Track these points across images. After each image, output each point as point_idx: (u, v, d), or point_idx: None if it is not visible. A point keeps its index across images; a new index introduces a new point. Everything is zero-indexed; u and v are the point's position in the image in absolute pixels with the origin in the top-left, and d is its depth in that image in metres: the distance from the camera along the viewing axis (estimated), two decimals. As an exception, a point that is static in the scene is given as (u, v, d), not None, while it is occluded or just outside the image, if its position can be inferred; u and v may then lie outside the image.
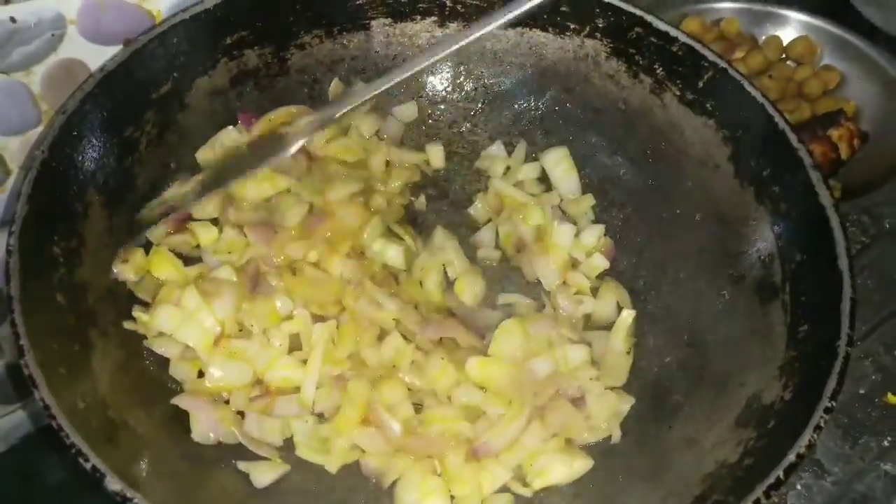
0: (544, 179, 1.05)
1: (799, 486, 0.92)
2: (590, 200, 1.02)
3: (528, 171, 1.05)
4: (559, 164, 1.03)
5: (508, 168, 1.05)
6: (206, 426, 0.77)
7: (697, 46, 0.94)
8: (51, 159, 0.75)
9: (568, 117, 1.05)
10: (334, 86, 1.03)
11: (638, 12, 0.97)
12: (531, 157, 1.06)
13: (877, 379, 1.01)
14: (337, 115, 0.91)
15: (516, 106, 1.08)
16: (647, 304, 0.94)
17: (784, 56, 1.29)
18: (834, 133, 1.11)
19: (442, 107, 1.09)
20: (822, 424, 0.66)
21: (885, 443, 0.96)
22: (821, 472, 0.93)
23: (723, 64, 0.92)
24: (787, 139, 0.86)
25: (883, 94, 1.20)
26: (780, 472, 0.64)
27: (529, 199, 1.00)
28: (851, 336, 0.72)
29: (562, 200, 1.02)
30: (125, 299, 0.81)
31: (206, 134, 0.95)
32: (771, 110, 0.88)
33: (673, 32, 0.95)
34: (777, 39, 1.28)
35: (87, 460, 0.58)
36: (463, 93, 1.08)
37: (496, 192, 1.03)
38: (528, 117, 1.07)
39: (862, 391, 1.00)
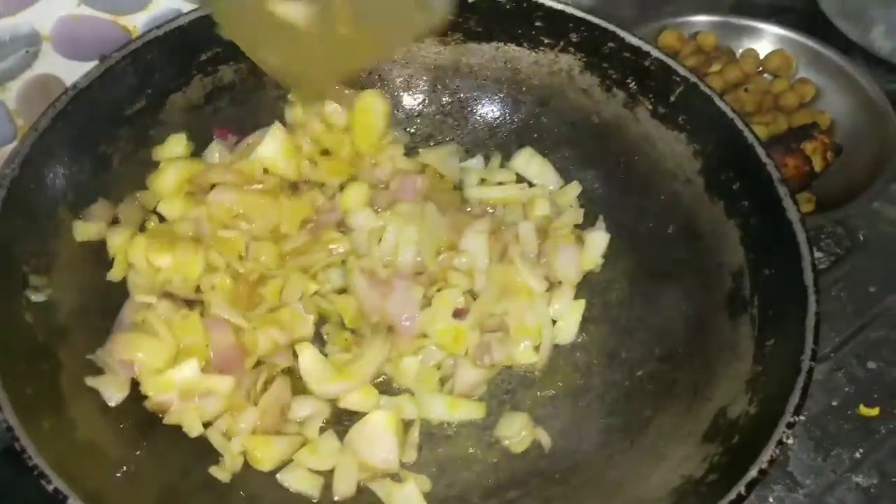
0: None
1: (771, 499, 0.93)
2: (576, 189, 1.03)
3: (506, 175, 1.05)
4: (531, 161, 1.05)
5: (483, 180, 1.06)
6: None
7: (669, 61, 0.95)
8: (21, 178, 0.76)
9: (543, 131, 1.06)
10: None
11: (611, 27, 0.98)
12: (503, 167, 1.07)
13: (849, 391, 1.02)
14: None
15: (492, 119, 1.08)
16: (620, 317, 0.95)
17: (760, 69, 1.30)
18: (807, 146, 1.13)
19: (419, 120, 1.09)
20: (784, 440, 0.67)
21: (857, 455, 0.96)
22: (793, 485, 0.94)
23: (693, 79, 0.93)
24: (756, 154, 0.87)
25: (857, 108, 1.21)
26: (741, 487, 0.64)
27: (529, 192, 1.02)
28: (815, 351, 0.73)
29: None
30: (98, 316, 0.81)
31: (181, 150, 0.95)
32: (740, 125, 0.89)
33: (645, 47, 0.96)
34: (754, 53, 1.29)
35: (49, 482, 0.58)
36: (439, 106, 1.09)
37: (480, 200, 1.03)
38: (504, 131, 1.08)
39: (835, 403, 1.01)
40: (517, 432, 0.85)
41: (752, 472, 0.65)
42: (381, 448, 0.81)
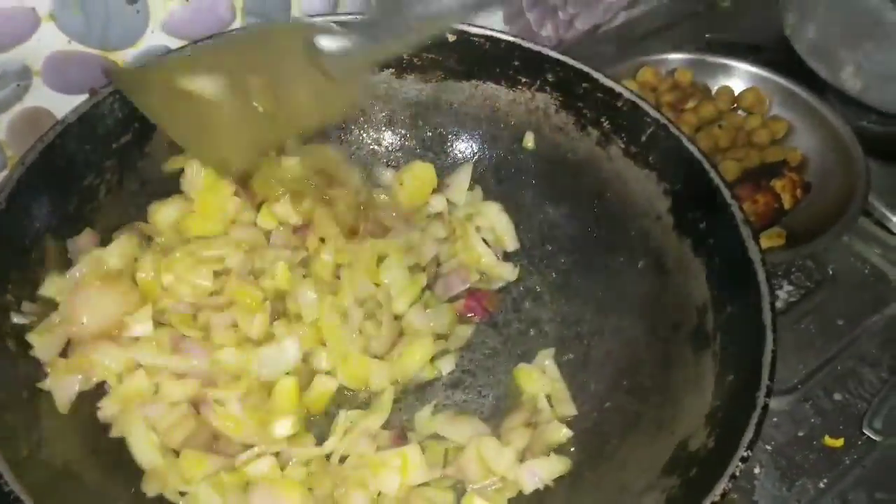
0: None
1: (736, 529, 0.95)
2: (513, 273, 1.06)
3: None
4: (498, 217, 1.07)
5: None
6: None
7: (640, 102, 0.99)
8: (7, 211, 0.78)
9: (520, 166, 1.09)
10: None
11: (585, 68, 1.02)
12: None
13: (816, 422, 1.04)
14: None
15: (471, 154, 1.12)
16: (591, 350, 0.97)
17: (735, 106, 1.34)
18: (777, 183, 1.16)
19: (400, 154, 1.12)
20: (736, 474, 0.69)
21: (822, 485, 0.98)
22: (758, 515, 0.96)
23: (663, 120, 0.97)
24: (721, 195, 0.90)
25: (827, 145, 1.25)
26: (693, 520, 0.67)
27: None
28: (770, 388, 0.75)
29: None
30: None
31: (167, 181, 0.98)
32: (706, 166, 0.92)
33: (617, 89, 1.00)
34: (728, 90, 1.33)
35: (23, 509, 0.60)
36: (420, 141, 1.12)
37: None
38: (482, 165, 1.11)
39: (801, 433, 1.03)
40: None
41: (705, 505, 0.67)
42: None
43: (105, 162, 0.91)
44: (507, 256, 1.07)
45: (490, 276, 1.05)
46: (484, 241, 1.05)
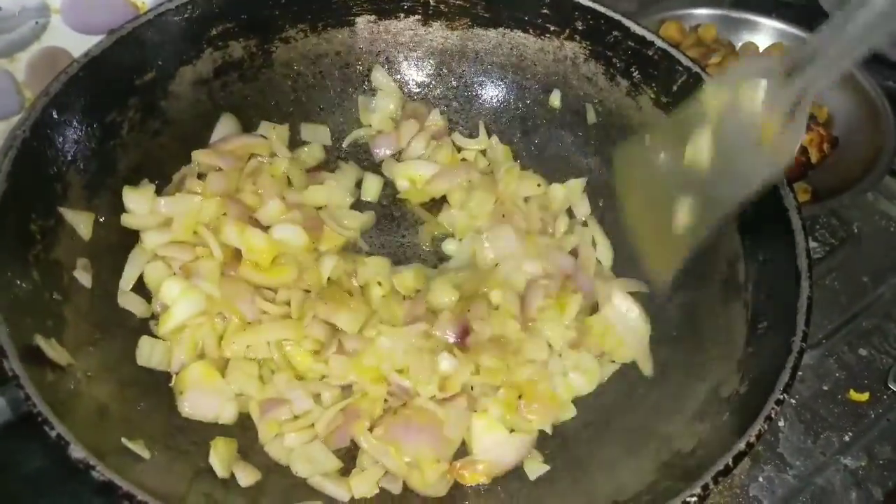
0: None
1: (761, 479, 0.95)
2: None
3: None
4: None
5: None
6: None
7: (673, 51, 0.97)
8: (32, 139, 0.77)
9: (546, 117, 1.08)
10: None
11: (616, 16, 0.99)
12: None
13: (840, 376, 1.04)
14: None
15: (497, 104, 1.10)
16: (617, 300, 0.97)
17: (760, 63, 1.31)
18: (804, 137, 1.14)
19: (423, 103, 1.10)
20: (772, 415, 0.69)
21: (846, 438, 0.98)
22: (783, 466, 0.96)
23: (696, 69, 0.95)
24: (755, 142, 0.88)
25: (855, 102, 1.23)
26: (728, 459, 0.66)
27: None
28: (806, 333, 0.74)
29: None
30: (101, 278, 0.82)
31: (190, 122, 0.96)
32: (740, 113, 0.90)
33: (649, 37, 0.98)
34: (753, 46, 1.31)
35: (52, 428, 0.60)
36: (445, 90, 1.10)
37: None
38: (507, 116, 1.10)
39: (826, 387, 1.03)
40: None
41: (741, 445, 0.67)
42: None
43: (128, 99, 0.89)
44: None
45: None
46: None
